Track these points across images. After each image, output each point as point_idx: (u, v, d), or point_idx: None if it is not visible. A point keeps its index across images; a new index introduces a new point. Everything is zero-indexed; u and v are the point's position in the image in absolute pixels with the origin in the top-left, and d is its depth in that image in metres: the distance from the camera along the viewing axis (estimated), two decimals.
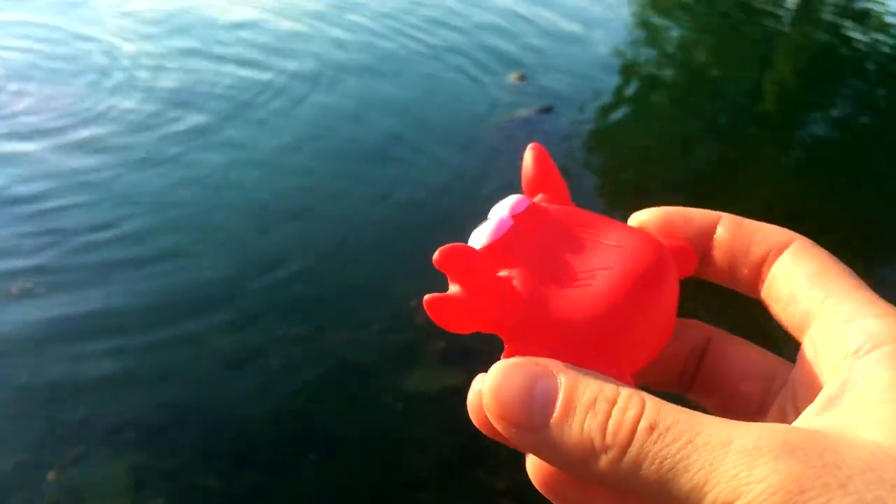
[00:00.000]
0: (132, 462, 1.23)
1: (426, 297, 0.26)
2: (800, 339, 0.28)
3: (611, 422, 0.23)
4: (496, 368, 0.25)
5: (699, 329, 0.32)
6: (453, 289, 0.26)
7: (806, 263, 0.28)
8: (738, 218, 0.30)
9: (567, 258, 0.28)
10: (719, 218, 0.30)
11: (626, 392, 0.24)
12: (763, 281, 0.29)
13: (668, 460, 0.22)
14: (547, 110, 2.46)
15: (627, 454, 0.23)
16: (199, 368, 1.40)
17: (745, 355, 0.31)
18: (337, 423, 1.34)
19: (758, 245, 0.29)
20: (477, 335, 0.29)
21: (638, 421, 0.23)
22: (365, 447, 1.31)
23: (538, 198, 0.31)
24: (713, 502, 0.21)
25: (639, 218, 0.31)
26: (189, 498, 1.20)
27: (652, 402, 0.23)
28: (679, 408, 0.23)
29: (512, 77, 2.63)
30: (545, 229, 0.28)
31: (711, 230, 0.30)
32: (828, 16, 3.73)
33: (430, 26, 2.91)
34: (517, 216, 0.28)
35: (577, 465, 0.24)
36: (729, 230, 0.30)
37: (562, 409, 0.24)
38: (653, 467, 0.22)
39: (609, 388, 0.24)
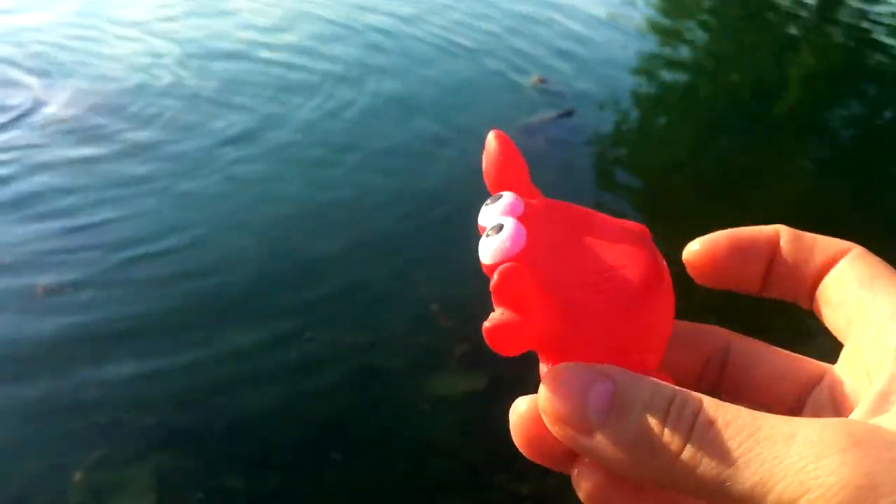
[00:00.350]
0: (157, 463, 1.24)
1: (486, 326, 0.24)
2: (844, 343, 0.28)
3: (669, 419, 0.23)
4: (551, 374, 0.25)
5: (717, 334, 0.31)
6: (501, 311, 0.25)
7: (858, 270, 0.28)
8: (796, 231, 0.30)
9: (577, 261, 0.27)
10: (778, 232, 0.30)
11: (682, 391, 0.24)
12: (815, 291, 0.29)
13: (730, 455, 0.22)
14: (568, 114, 2.45)
15: (686, 450, 0.22)
16: (222, 371, 1.40)
17: (772, 357, 0.30)
18: (359, 427, 1.34)
19: (818, 256, 0.29)
20: None
21: (696, 417, 0.23)
22: (388, 450, 1.30)
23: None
24: (779, 497, 0.21)
25: (700, 244, 0.30)
26: (213, 499, 1.20)
27: (708, 399, 0.23)
28: (736, 406, 0.23)
29: (532, 80, 2.62)
30: (545, 230, 0.27)
31: (775, 246, 0.30)
32: (849, 17, 3.70)
33: (451, 29, 2.92)
34: (520, 219, 0.27)
35: (634, 465, 0.23)
36: (790, 243, 0.29)
37: (619, 409, 0.24)
38: (713, 463, 0.22)
39: (665, 388, 0.24)
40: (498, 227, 0.27)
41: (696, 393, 0.23)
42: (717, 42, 3.42)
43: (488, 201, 0.29)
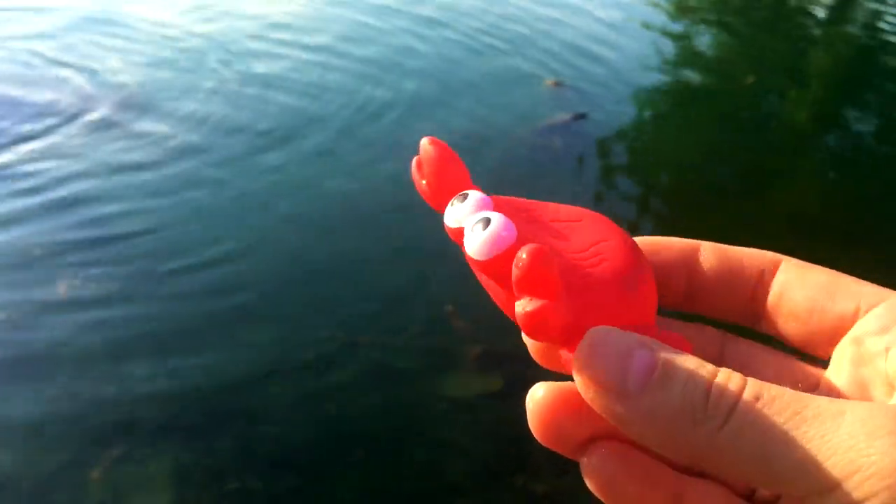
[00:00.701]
0: (174, 462, 1.24)
1: (526, 311, 0.24)
2: (827, 349, 0.28)
3: (713, 392, 0.23)
4: (590, 338, 0.24)
5: (709, 335, 0.31)
6: (529, 298, 0.24)
7: (812, 277, 0.28)
8: (720, 245, 0.30)
9: (561, 244, 0.27)
10: (699, 245, 0.30)
11: (725, 368, 0.23)
12: (762, 302, 0.29)
13: (774, 430, 0.21)
14: (581, 116, 2.45)
15: (729, 423, 0.22)
16: (238, 372, 1.41)
17: (768, 359, 0.30)
18: (375, 428, 1.34)
19: (749, 268, 0.29)
20: (513, 340, 0.29)
21: (742, 392, 0.22)
22: (403, 451, 1.31)
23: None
24: (826, 475, 0.21)
25: None
26: (230, 499, 1.20)
27: (753, 378, 0.23)
28: (781, 386, 0.23)
29: (547, 82, 2.62)
30: (519, 220, 0.27)
31: (693, 257, 0.30)
32: (864, 21, 3.68)
33: (468, 33, 2.92)
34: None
35: (670, 437, 0.23)
36: (715, 256, 0.29)
37: (662, 377, 0.23)
38: (756, 438, 0.22)
39: (709, 364, 0.23)
40: (486, 221, 0.26)
41: (737, 373, 0.23)
42: (731, 46, 3.41)
43: (454, 201, 0.28)
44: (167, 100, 2.31)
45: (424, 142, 0.30)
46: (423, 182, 0.30)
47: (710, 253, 0.29)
